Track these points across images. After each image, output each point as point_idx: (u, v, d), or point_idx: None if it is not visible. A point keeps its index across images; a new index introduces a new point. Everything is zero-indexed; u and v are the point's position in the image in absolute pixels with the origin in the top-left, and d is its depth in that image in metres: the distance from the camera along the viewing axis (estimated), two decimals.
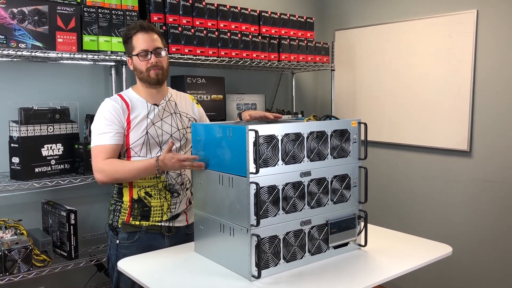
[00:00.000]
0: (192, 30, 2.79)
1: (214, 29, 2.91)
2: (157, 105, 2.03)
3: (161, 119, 2.02)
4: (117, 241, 2.00)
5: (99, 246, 2.72)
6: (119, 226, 2.00)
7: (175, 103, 2.10)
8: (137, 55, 1.96)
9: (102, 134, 1.91)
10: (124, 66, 2.74)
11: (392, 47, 3.50)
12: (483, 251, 3.07)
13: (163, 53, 2.00)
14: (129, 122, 1.95)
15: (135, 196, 1.98)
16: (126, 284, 1.94)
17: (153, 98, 2.03)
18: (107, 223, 2.07)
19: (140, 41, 1.96)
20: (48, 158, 2.37)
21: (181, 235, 2.07)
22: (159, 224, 2.01)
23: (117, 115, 1.93)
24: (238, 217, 1.60)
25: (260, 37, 3.15)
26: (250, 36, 3.08)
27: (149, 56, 1.95)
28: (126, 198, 2.00)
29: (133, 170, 1.88)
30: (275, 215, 1.62)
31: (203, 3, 2.86)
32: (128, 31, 2.00)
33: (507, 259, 2.95)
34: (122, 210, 2.00)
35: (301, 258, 1.70)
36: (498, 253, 3.00)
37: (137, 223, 1.99)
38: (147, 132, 1.97)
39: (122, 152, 1.98)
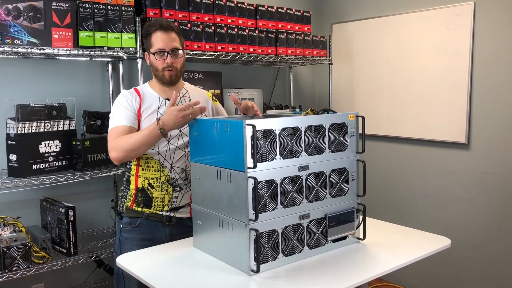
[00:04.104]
0: (189, 25, 2.78)
1: (211, 24, 2.89)
2: (169, 100, 2.03)
3: None
4: (121, 225, 2.08)
5: (98, 242, 2.72)
6: (124, 211, 2.08)
7: (189, 99, 2.11)
8: (154, 53, 1.99)
9: (116, 118, 1.97)
10: (120, 61, 2.73)
11: (389, 40, 3.50)
12: (482, 243, 3.08)
13: (180, 52, 2.02)
14: (139, 113, 1.99)
15: (140, 186, 2.05)
16: None
17: (166, 94, 2.06)
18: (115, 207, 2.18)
19: (158, 40, 1.98)
20: (45, 155, 2.37)
21: (183, 226, 2.09)
22: (160, 213, 2.05)
23: (130, 102, 1.99)
24: (237, 212, 1.60)
25: (257, 31, 3.13)
26: (247, 31, 3.07)
27: (165, 56, 1.98)
28: (132, 186, 2.07)
29: (138, 135, 1.90)
30: (273, 210, 1.62)
31: None
32: (148, 27, 2.02)
33: (506, 252, 2.96)
34: (128, 196, 2.09)
35: (300, 252, 1.71)
36: (497, 245, 3.01)
37: (140, 209, 2.05)
38: None
39: None
